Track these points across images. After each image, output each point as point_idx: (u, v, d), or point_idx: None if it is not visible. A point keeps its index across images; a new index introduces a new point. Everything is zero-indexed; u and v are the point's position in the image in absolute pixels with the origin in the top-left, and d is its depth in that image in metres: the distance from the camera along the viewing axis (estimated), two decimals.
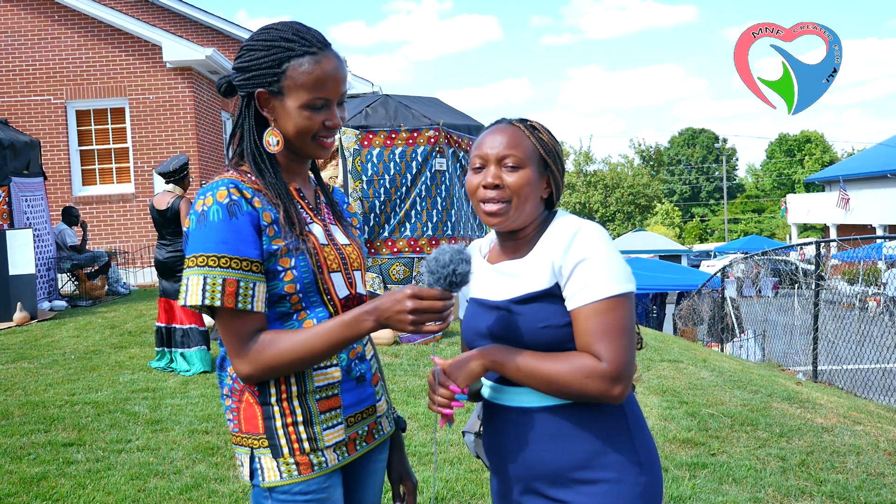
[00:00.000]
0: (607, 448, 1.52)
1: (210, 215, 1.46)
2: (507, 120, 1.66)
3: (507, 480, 1.62)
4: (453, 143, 8.39)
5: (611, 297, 1.47)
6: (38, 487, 3.74)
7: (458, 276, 1.42)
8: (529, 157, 1.59)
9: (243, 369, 1.49)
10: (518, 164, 1.58)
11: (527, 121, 1.66)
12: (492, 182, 1.58)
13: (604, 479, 1.51)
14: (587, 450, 1.52)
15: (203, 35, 15.85)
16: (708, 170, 63.48)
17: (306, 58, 1.54)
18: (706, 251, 38.56)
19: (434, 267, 1.42)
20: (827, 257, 10.03)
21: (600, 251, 1.49)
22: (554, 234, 1.57)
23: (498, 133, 1.61)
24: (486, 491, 3.62)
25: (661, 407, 5.13)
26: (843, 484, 3.80)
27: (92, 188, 13.41)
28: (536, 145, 1.61)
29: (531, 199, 1.59)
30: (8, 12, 13.21)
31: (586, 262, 1.49)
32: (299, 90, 1.53)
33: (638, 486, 1.52)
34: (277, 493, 1.52)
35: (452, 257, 1.42)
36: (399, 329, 1.44)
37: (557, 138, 1.67)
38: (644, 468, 1.54)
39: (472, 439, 1.77)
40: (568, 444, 1.53)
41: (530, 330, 1.52)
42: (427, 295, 1.41)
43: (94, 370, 6.34)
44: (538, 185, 1.60)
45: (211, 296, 1.44)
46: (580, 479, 1.52)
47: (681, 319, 14.41)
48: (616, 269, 1.50)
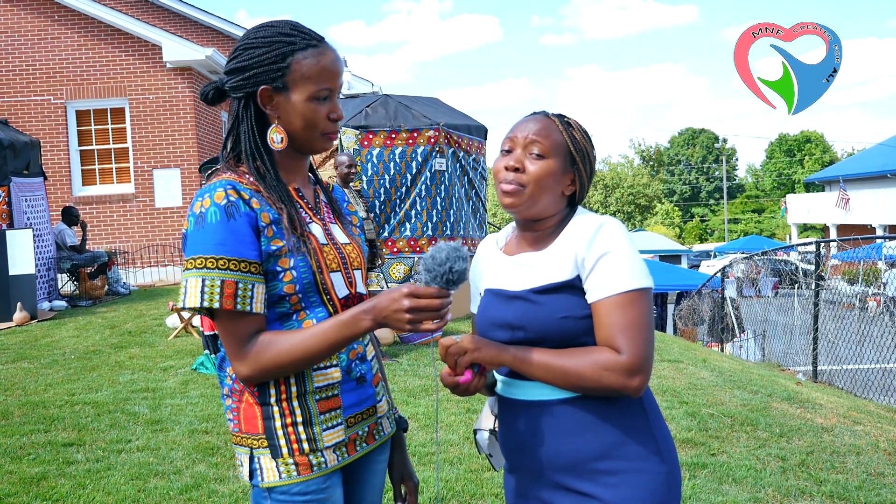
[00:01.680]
0: (627, 438, 1.54)
1: (208, 217, 1.46)
2: (545, 112, 1.67)
3: (526, 475, 1.62)
4: (453, 143, 8.39)
5: (632, 291, 1.50)
6: (38, 487, 3.74)
7: (454, 274, 1.42)
8: (556, 149, 1.60)
9: (242, 371, 1.48)
10: (543, 154, 1.59)
11: (564, 116, 1.67)
12: (513, 165, 1.60)
13: (625, 469, 1.52)
14: (608, 441, 1.53)
15: (203, 35, 15.85)
16: (708, 170, 63.49)
17: (309, 50, 1.54)
18: (706, 251, 38.55)
19: (431, 265, 1.42)
20: (827, 257, 10.03)
21: (623, 246, 1.52)
22: (576, 228, 1.58)
23: (532, 121, 1.63)
24: (486, 491, 3.63)
25: (661, 407, 5.13)
26: (843, 484, 3.80)
27: (92, 188, 13.41)
28: (567, 140, 1.62)
29: (550, 191, 1.60)
30: (8, 12, 13.20)
31: (609, 256, 1.51)
32: (305, 82, 1.53)
33: (659, 475, 1.53)
34: (276, 494, 1.51)
35: (449, 255, 1.42)
36: (397, 328, 1.44)
37: (592, 140, 1.67)
38: (664, 457, 1.56)
39: (486, 436, 1.75)
40: (588, 435, 1.54)
41: (549, 320, 1.53)
42: (424, 293, 1.41)
43: (93, 370, 6.34)
44: (561, 178, 1.61)
45: (210, 297, 1.44)
46: (601, 470, 1.53)
47: (681, 319, 14.42)
48: (638, 264, 1.53)
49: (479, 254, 1.78)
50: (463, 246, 1.47)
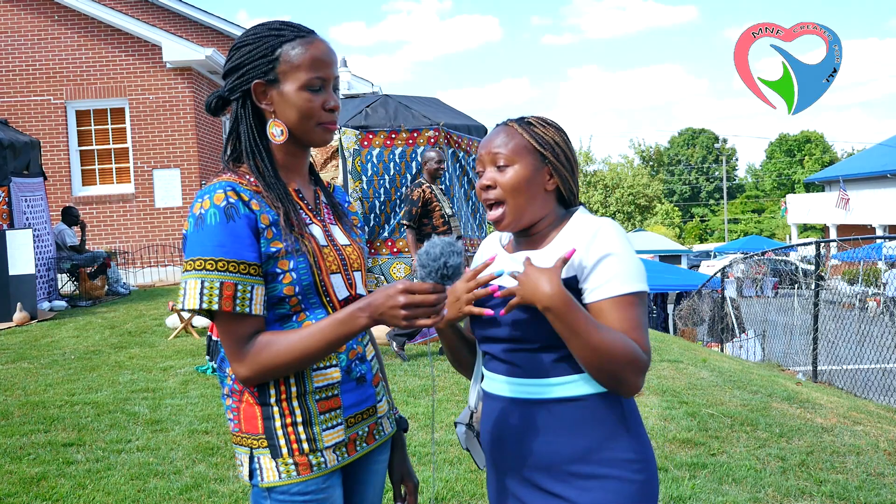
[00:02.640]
0: (606, 444, 1.53)
1: (207, 219, 1.46)
2: (505, 121, 1.68)
3: (504, 471, 1.63)
4: (453, 143, 8.39)
5: (633, 293, 1.51)
6: (37, 487, 3.74)
7: (449, 269, 1.41)
8: (519, 152, 1.60)
9: (241, 372, 1.49)
10: (508, 162, 1.60)
11: (523, 118, 1.67)
12: (485, 183, 1.62)
13: (601, 474, 1.52)
14: (586, 445, 1.53)
15: (203, 35, 15.86)
16: (708, 170, 63.49)
17: (298, 40, 1.55)
18: (706, 251, 38.53)
19: (425, 260, 1.42)
20: (827, 257, 10.03)
21: (624, 249, 1.53)
22: (575, 229, 1.58)
23: (493, 136, 1.65)
24: (485, 491, 3.62)
25: (661, 407, 5.13)
26: (843, 484, 3.80)
27: (92, 188, 13.41)
28: (528, 139, 1.61)
29: (531, 194, 1.60)
30: (8, 12, 13.21)
31: (610, 258, 1.51)
32: (296, 72, 1.54)
33: (634, 483, 1.53)
34: (276, 494, 1.51)
35: (443, 250, 1.41)
36: (393, 324, 1.43)
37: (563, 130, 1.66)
38: (642, 466, 1.55)
39: (464, 431, 1.77)
40: (567, 437, 1.54)
41: (544, 320, 1.52)
42: (419, 289, 1.40)
43: (93, 370, 6.34)
44: (536, 178, 1.61)
45: (209, 299, 1.44)
46: (576, 473, 1.53)
47: (681, 319, 14.42)
48: (639, 267, 1.54)
49: (482, 252, 1.78)
50: (458, 241, 1.46)
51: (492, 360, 1.65)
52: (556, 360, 1.55)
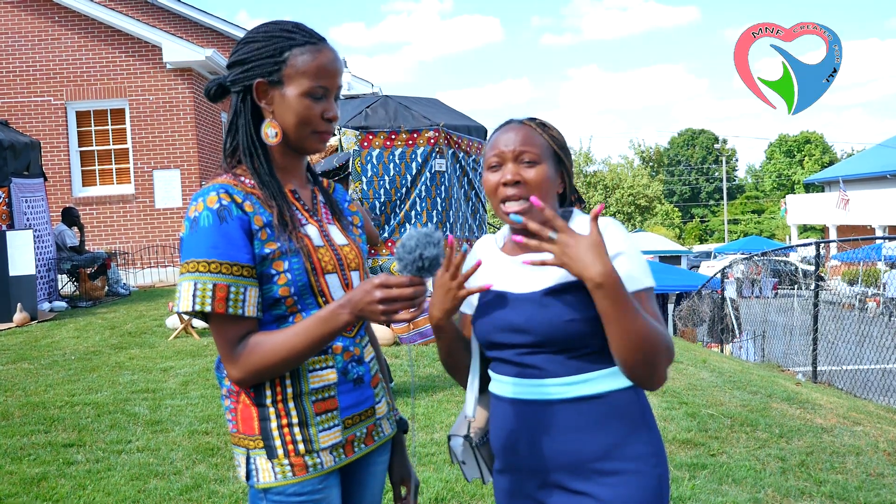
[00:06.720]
0: (627, 440, 1.55)
1: (201, 221, 1.46)
2: (517, 119, 1.68)
3: (521, 475, 1.62)
4: (453, 143, 8.39)
5: (647, 288, 1.55)
6: (38, 488, 3.74)
7: (425, 261, 1.39)
8: (544, 153, 1.62)
9: (234, 373, 1.49)
10: (535, 160, 1.60)
11: (535, 119, 1.68)
12: (511, 179, 1.59)
13: (624, 469, 1.54)
14: (610, 441, 1.54)
15: (203, 36, 15.87)
16: (708, 170, 63.48)
17: (308, 46, 1.55)
18: (706, 252, 38.51)
19: (401, 253, 1.40)
20: (826, 258, 10.04)
21: (632, 246, 1.56)
22: (580, 230, 1.58)
23: (511, 131, 1.64)
24: (485, 492, 3.62)
25: (661, 407, 5.13)
26: (843, 484, 3.80)
27: (92, 189, 13.41)
28: (549, 141, 1.64)
29: (550, 194, 1.62)
30: (8, 13, 13.21)
31: (621, 257, 1.54)
32: (301, 78, 1.54)
33: (654, 477, 1.55)
34: (272, 495, 1.51)
35: (419, 241, 1.39)
36: (374, 320, 1.42)
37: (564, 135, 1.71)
38: (659, 460, 1.58)
39: (461, 443, 1.73)
40: (590, 435, 1.54)
41: (556, 322, 1.52)
42: (395, 283, 1.39)
43: (94, 371, 6.34)
44: (554, 180, 1.64)
45: (201, 301, 1.44)
46: (600, 470, 1.54)
47: (681, 320, 14.42)
48: (645, 263, 1.57)
49: (475, 253, 1.77)
50: (436, 231, 1.43)
51: (502, 364, 1.63)
52: (578, 357, 1.55)
